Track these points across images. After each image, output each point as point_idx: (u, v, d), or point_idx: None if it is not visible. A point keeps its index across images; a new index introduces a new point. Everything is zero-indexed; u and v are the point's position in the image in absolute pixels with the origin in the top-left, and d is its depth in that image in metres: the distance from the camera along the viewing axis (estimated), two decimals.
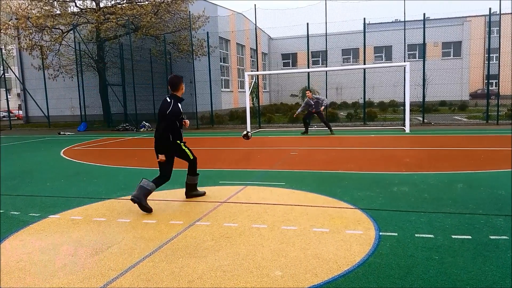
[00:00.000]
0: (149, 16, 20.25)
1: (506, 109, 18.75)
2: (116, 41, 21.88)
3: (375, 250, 3.67)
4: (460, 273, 3.17)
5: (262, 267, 3.39)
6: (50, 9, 21.46)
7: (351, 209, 4.98)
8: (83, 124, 21.12)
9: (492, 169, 7.26)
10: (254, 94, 23.59)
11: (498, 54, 16.82)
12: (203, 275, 3.28)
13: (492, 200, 5.15)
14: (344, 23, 22.47)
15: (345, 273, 3.23)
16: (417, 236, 3.99)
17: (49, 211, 5.33)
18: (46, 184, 7.21)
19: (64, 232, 4.47)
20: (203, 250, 3.80)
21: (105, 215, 5.09)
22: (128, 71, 20.70)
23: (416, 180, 6.49)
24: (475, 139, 11.91)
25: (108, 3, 22.38)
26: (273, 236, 4.12)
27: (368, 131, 15.35)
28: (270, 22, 62.15)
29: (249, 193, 6.02)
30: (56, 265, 3.58)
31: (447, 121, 18.27)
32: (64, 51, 22.36)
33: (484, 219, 4.42)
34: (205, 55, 21.06)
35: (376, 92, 26.03)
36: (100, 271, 3.42)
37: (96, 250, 3.89)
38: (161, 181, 5.38)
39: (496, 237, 3.88)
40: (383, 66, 24.92)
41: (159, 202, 5.60)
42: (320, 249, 3.73)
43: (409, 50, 32.18)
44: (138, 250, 3.85)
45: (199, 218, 4.79)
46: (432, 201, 5.22)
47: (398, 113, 22.05)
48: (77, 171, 8.47)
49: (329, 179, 6.92)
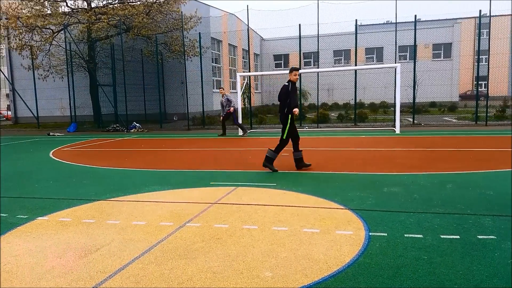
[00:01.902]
0: (141, 17, 20.17)
1: (495, 111, 18.98)
2: (108, 41, 21.75)
3: (365, 250, 3.68)
4: (449, 272, 3.20)
5: (252, 268, 3.38)
6: (41, 9, 21.29)
7: (342, 210, 4.99)
8: (73, 125, 20.95)
9: (481, 170, 7.33)
10: (246, 95, 23.58)
11: (488, 56, 17.00)
12: (193, 277, 3.26)
13: (480, 201, 5.20)
14: (335, 25, 22.59)
15: (335, 274, 3.24)
16: (407, 236, 4.01)
17: (37, 213, 5.27)
18: (35, 185, 7.13)
19: (52, 234, 4.43)
20: (193, 252, 3.79)
21: (94, 216, 5.05)
22: (119, 71, 20.59)
23: (406, 180, 6.53)
24: (464, 140, 12.02)
25: (99, 3, 22.25)
26: (264, 237, 4.12)
27: (359, 132, 15.42)
28: (262, 23, 62.26)
29: (240, 194, 6.01)
30: (44, 267, 3.55)
31: (437, 122, 18.42)
32: (54, 51, 22.20)
33: (472, 219, 4.46)
34: (197, 55, 21.02)
35: (367, 93, 26.19)
36: (88, 273, 3.40)
37: (84, 252, 3.86)
38: (281, 147, 7.50)
39: (484, 237, 3.92)
40: (374, 67, 25.10)
41: (149, 204, 5.58)
42: (310, 250, 3.73)
43: (400, 52, 32.45)
44: (127, 252, 3.83)
45: (190, 220, 4.77)
46: (421, 201, 5.26)
47: (389, 114, 22.19)
48: (66, 173, 8.39)
49: (320, 179, 6.94)
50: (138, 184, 6.98)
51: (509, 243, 3.74)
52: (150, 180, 7.25)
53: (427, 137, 13.03)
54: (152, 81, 22.95)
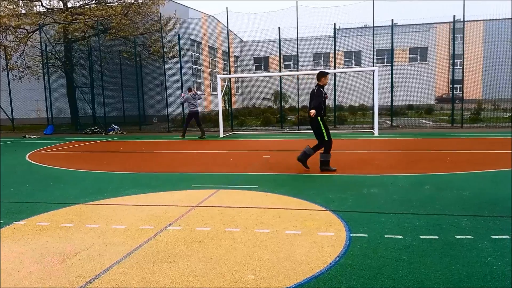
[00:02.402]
0: (119, 18, 19.89)
1: (470, 113, 19.48)
2: (85, 42, 21.38)
3: (346, 251, 3.72)
4: (428, 272, 3.25)
5: (234, 271, 3.37)
6: (15, 8, 20.77)
7: (323, 211, 5.03)
8: (50, 127, 20.48)
9: (458, 171, 7.51)
10: (227, 97, 23.56)
11: (462, 60, 17.45)
12: (175, 281, 3.23)
13: (458, 201, 5.31)
14: (314, 28, 22.74)
15: (317, 275, 3.26)
16: (387, 237, 4.07)
17: (13, 218, 5.13)
18: (10, 189, 6.94)
19: (29, 239, 4.31)
20: (174, 255, 3.75)
21: (73, 220, 4.94)
22: (97, 73, 20.27)
23: (386, 182, 6.63)
24: (441, 142, 12.29)
25: (76, 3, 21.86)
26: (246, 239, 4.12)
27: (339, 134, 15.58)
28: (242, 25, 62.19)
29: (221, 196, 5.99)
30: (21, 273, 3.45)
31: (414, 124, 18.77)
32: (29, 51, 21.67)
33: (450, 219, 4.56)
34: (176, 57, 20.86)
35: (346, 96, 26.48)
36: (68, 278, 3.32)
37: (63, 257, 3.77)
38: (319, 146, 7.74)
39: (461, 237, 4.01)
40: (352, 70, 25.38)
41: (129, 207, 5.50)
42: (292, 251, 3.75)
43: (377, 55, 32.98)
44: (107, 256, 3.76)
45: (171, 223, 4.72)
46: (401, 202, 5.34)
47: (367, 117, 22.51)
48: (43, 176, 8.20)
49: (301, 181, 6.98)
50: (117, 187, 6.87)
51: (485, 243, 3.83)
52: (129, 183, 7.15)
53: (405, 139, 13.27)
54: (131, 82, 22.67)
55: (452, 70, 17.86)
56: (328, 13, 37.66)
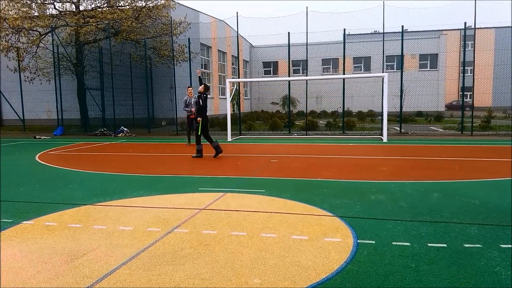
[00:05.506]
0: (130, 21, 20.08)
1: (480, 121, 19.30)
2: (96, 45, 21.59)
3: (353, 258, 3.70)
4: (436, 280, 3.23)
5: (241, 275, 3.37)
6: (28, 10, 21.04)
7: (330, 217, 5.01)
8: (60, 128, 20.67)
9: (467, 179, 7.44)
10: (235, 101, 23.61)
11: (473, 67, 17.32)
12: (181, 283, 3.24)
13: (466, 209, 5.27)
14: (324, 33, 22.70)
15: (324, 281, 3.24)
16: (394, 244, 4.04)
17: (22, 217, 5.18)
18: (20, 189, 7.01)
19: (37, 239, 4.35)
20: (181, 258, 3.76)
21: (81, 221, 4.98)
22: (107, 75, 20.42)
23: (393, 188, 6.59)
24: (450, 149, 12.19)
25: (88, 7, 22.09)
26: (252, 243, 4.11)
27: (347, 139, 15.53)
28: (252, 30, 62.37)
29: (228, 200, 6.00)
30: (28, 272, 3.48)
31: (423, 131, 18.65)
32: (41, 53, 21.92)
33: (458, 227, 4.52)
34: (186, 60, 20.97)
35: (355, 101, 26.39)
36: (74, 278, 3.34)
37: (70, 257, 3.80)
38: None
39: (470, 245, 3.97)
40: (362, 76, 25.30)
41: (136, 209, 5.53)
42: (298, 257, 3.73)
43: (387, 61, 32.89)
44: (114, 258, 3.78)
45: (178, 225, 4.73)
46: (408, 209, 5.31)
47: (376, 123, 22.41)
48: (52, 176, 8.28)
49: (308, 186, 6.96)
50: (125, 189, 6.91)
51: (494, 252, 3.79)
52: (137, 185, 7.18)
53: (414, 146, 13.19)
54: (140, 85, 22.81)
55: (462, 77, 17.71)
56: (338, 19, 37.70)
